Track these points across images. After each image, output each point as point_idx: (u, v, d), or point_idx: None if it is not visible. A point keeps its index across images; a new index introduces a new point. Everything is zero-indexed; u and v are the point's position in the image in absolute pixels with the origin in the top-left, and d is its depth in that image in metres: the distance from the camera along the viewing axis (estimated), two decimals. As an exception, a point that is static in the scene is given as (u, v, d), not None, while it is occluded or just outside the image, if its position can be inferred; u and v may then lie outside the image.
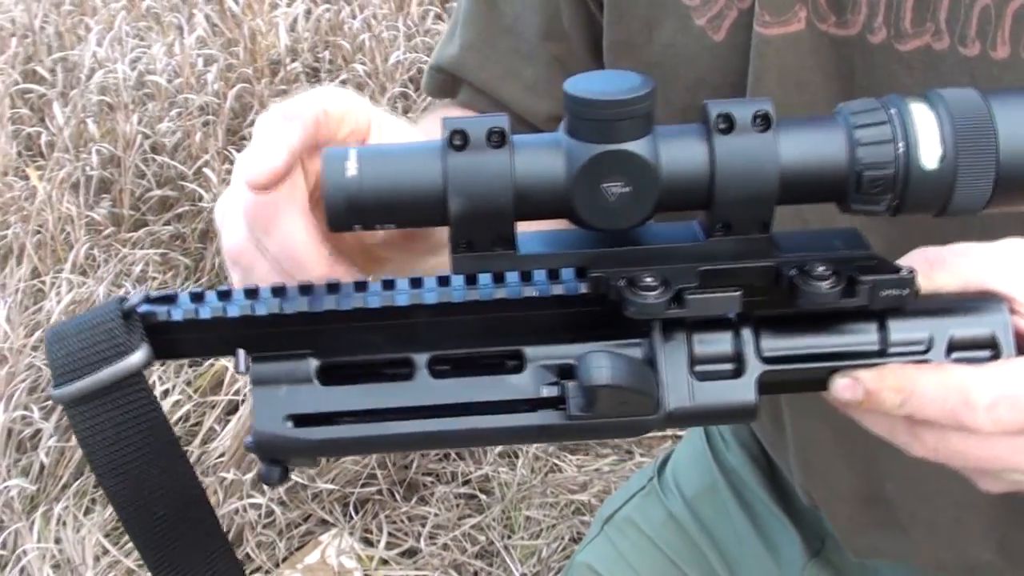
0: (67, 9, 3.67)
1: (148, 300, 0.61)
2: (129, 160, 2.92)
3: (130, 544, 2.28)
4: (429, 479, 2.42)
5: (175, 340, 0.61)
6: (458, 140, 0.55)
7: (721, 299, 0.57)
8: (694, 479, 1.30)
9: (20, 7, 3.53)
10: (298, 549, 2.30)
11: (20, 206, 2.86)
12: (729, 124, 0.55)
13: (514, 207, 0.56)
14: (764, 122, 0.55)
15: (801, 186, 0.57)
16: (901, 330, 0.60)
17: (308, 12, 3.51)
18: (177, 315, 0.60)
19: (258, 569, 2.25)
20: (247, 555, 2.26)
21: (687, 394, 0.59)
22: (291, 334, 0.60)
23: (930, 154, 0.55)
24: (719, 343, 0.60)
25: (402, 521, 2.34)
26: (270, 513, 2.28)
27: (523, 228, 0.59)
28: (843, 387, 0.60)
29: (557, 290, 0.59)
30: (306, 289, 0.59)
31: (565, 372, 0.59)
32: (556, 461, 2.45)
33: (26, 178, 2.99)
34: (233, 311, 0.60)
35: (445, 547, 2.27)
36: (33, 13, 3.51)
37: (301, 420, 0.60)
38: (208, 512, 0.65)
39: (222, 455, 2.32)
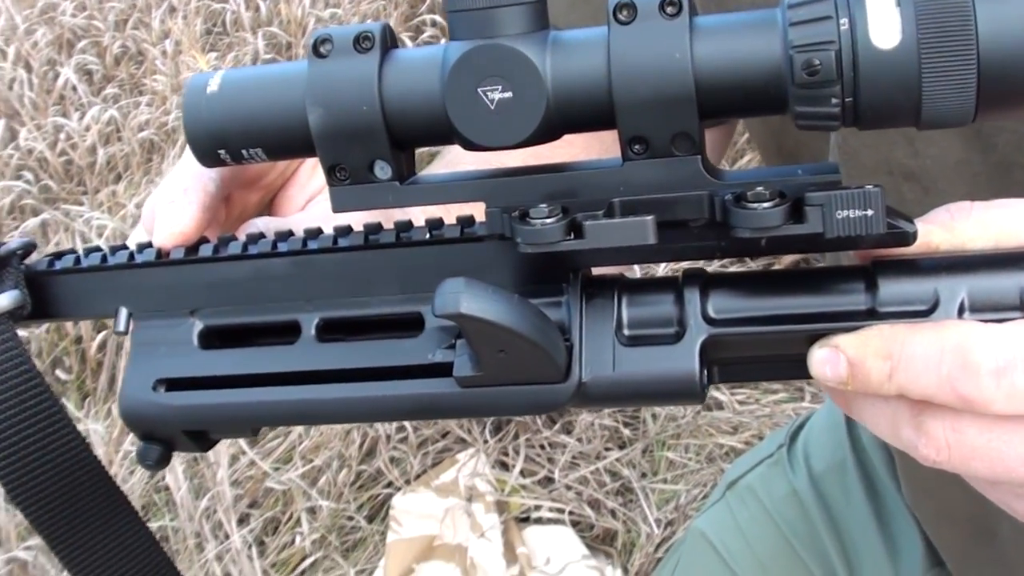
0: None
1: (28, 252, 0.60)
2: (299, 45, 2.84)
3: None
4: (576, 404, 2.30)
5: (56, 293, 0.60)
6: (324, 48, 0.50)
7: (628, 226, 0.47)
8: (825, 452, 1.21)
9: None
10: (432, 467, 2.22)
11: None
12: (632, 14, 0.46)
13: (384, 120, 0.49)
14: (674, 8, 0.46)
15: (724, 83, 0.46)
16: (896, 287, 0.48)
17: None
18: (58, 265, 0.59)
19: (390, 485, 2.20)
20: (378, 470, 2.21)
21: (609, 362, 0.50)
22: (175, 292, 0.57)
23: (883, 30, 0.43)
24: (656, 304, 0.51)
25: (541, 447, 2.23)
26: (404, 427, 2.21)
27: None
28: (822, 361, 0.48)
29: (450, 232, 0.54)
30: (192, 249, 0.58)
31: None
32: (716, 395, 2.28)
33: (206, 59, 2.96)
34: (113, 261, 0.58)
35: (582, 480, 2.15)
36: None
37: (172, 385, 0.57)
38: (104, 480, 0.60)
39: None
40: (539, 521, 2.13)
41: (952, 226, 0.49)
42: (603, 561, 2.06)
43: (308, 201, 0.70)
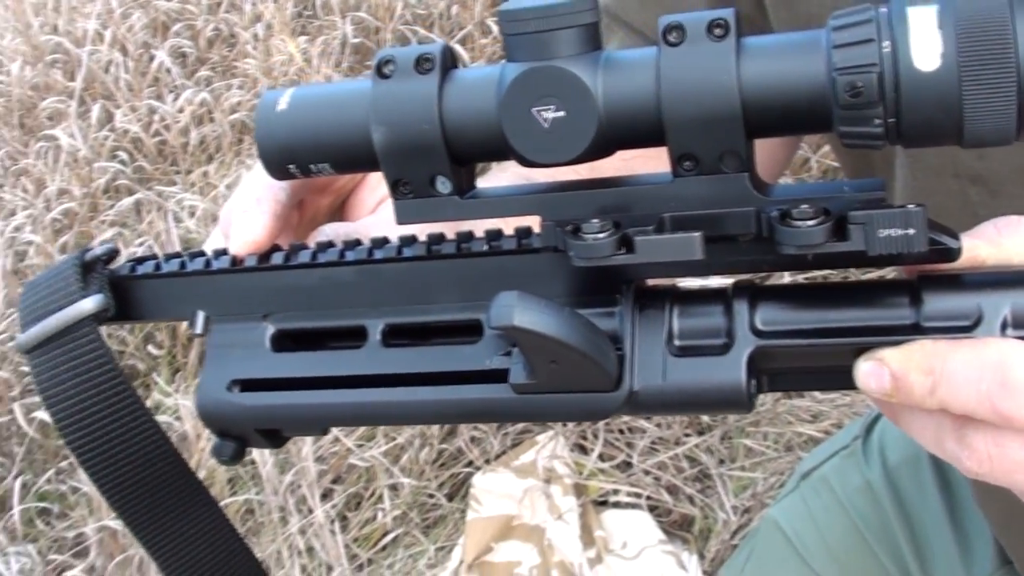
0: None
1: (112, 258, 0.63)
2: (388, 29, 2.87)
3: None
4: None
5: (137, 296, 0.62)
6: (387, 68, 0.52)
7: (677, 241, 0.48)
8: (900, 445, 1.21)
9: None
10: (512, 447, 2.25)
11: (282, 71, 2.88)
12: (681, 35, 0.47)
13: (444, 137, 0.51)
14: (721, 30, 0.47)
15: (770, 104, 0.47)
16: (940, 303, 0.49)
17: None
18: (139, 270, 0.62)
19: (470, 464, 2.23)
20: (459, 449, 2.24)
21: (659, 372, 0.52)
22: (248, 297, 0.60)
23: (925, 53, 0.44)
24: (706, 316, 0.52)
25: (620, 432, 2.24)
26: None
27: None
28: (867, 374, 0.49)
29: (508, 244, 0.55)
30: (264, 257, 0.61)
31: None
32: (797, 382, 2.26)
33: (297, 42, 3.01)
34: (191, 267, 0.61)
35: (660, 466, 2.16)
36: None
37: (245, 386, 0.59)
38: (183, 470, 0.63)
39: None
40: (616, 505, 2.15)
41: (999, 241, 0.49)
42: (679, 547, 2.07)
43: (378, 204, 0.72)
